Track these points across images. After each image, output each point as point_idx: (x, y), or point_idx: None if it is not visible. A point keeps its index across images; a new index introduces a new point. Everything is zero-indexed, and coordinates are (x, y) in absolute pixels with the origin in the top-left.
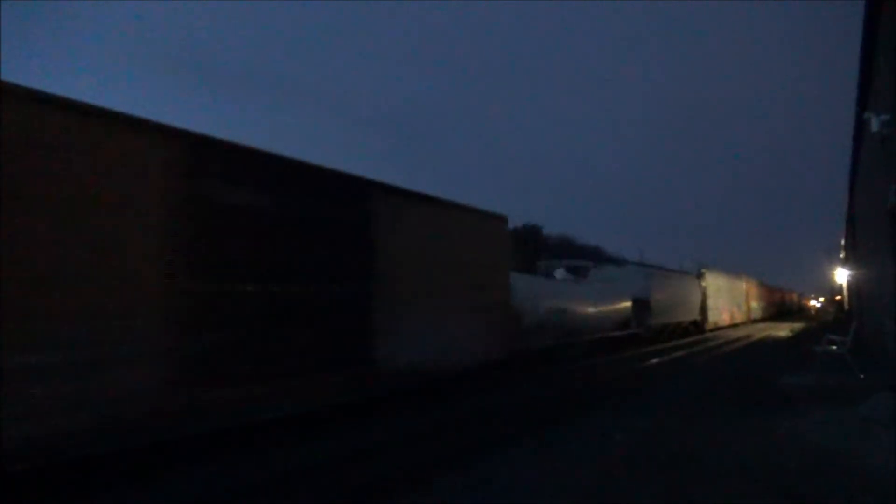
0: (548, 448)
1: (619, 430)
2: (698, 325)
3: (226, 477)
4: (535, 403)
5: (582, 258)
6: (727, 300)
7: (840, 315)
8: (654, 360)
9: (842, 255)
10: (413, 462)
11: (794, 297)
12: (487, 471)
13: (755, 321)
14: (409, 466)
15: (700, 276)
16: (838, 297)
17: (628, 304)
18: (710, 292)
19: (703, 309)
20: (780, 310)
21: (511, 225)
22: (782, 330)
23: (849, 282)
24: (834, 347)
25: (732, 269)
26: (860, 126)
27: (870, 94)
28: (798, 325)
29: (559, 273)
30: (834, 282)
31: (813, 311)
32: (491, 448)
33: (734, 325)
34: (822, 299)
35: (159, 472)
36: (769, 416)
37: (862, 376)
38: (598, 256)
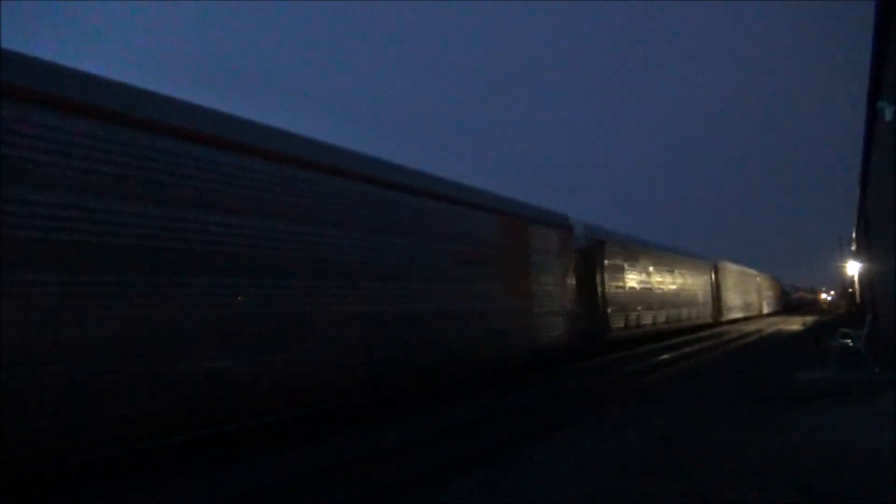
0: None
1: (632, 429)
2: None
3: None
4: None
5: None
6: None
7: (852, 308)
8: (666, 356)
9: (853, 248)
10: None
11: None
12: None
13: (765, 315)
14: None
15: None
16: (850, 290)
17: None
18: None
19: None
20: (787, 304)
21: None
22: (794, 324)
23: (861, 274)
24: (849, 341)
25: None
26: (872, 115)
27: (883, 82)
28: (809, 319)
29: None
30: (845, 274)
31: (824, 305)
32: None
33: (746, 319)
34: (832, 292)
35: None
36: (785, 413)
37: (877, 370)
38: None
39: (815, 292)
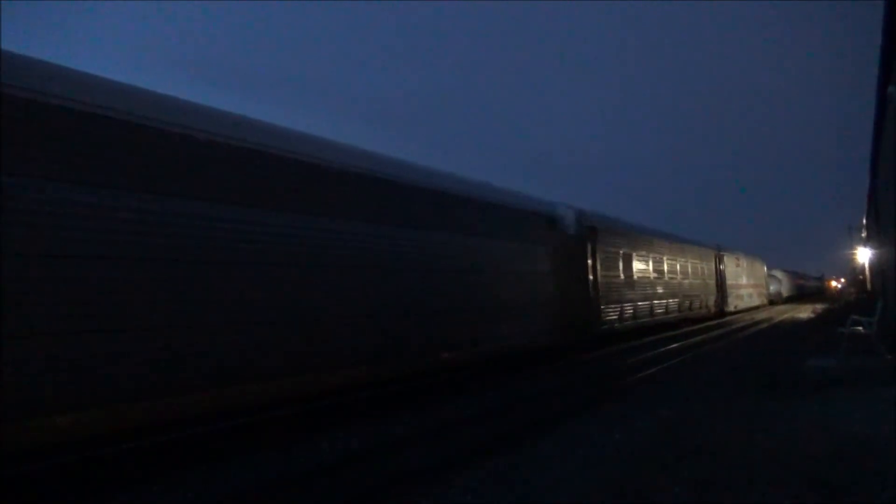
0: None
1: (640, 418)
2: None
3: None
4: None
5: None
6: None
7: (862, 296)
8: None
9: (863, 235)
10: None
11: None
12: None
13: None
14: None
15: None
16: (860, 277)
17: None
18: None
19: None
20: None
21: None
22: (803, 312)
23: (871, 261)
24: (860, 328)
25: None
26: (882, 101)
27: (893, 68)
28: (820, 307)
29: None
30: (856, 262)
31: (834, 292)
32: None
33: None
34: (842, 280)
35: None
36: (795, 401)
37: (889, 357)
38: None
39: (823, 280)
